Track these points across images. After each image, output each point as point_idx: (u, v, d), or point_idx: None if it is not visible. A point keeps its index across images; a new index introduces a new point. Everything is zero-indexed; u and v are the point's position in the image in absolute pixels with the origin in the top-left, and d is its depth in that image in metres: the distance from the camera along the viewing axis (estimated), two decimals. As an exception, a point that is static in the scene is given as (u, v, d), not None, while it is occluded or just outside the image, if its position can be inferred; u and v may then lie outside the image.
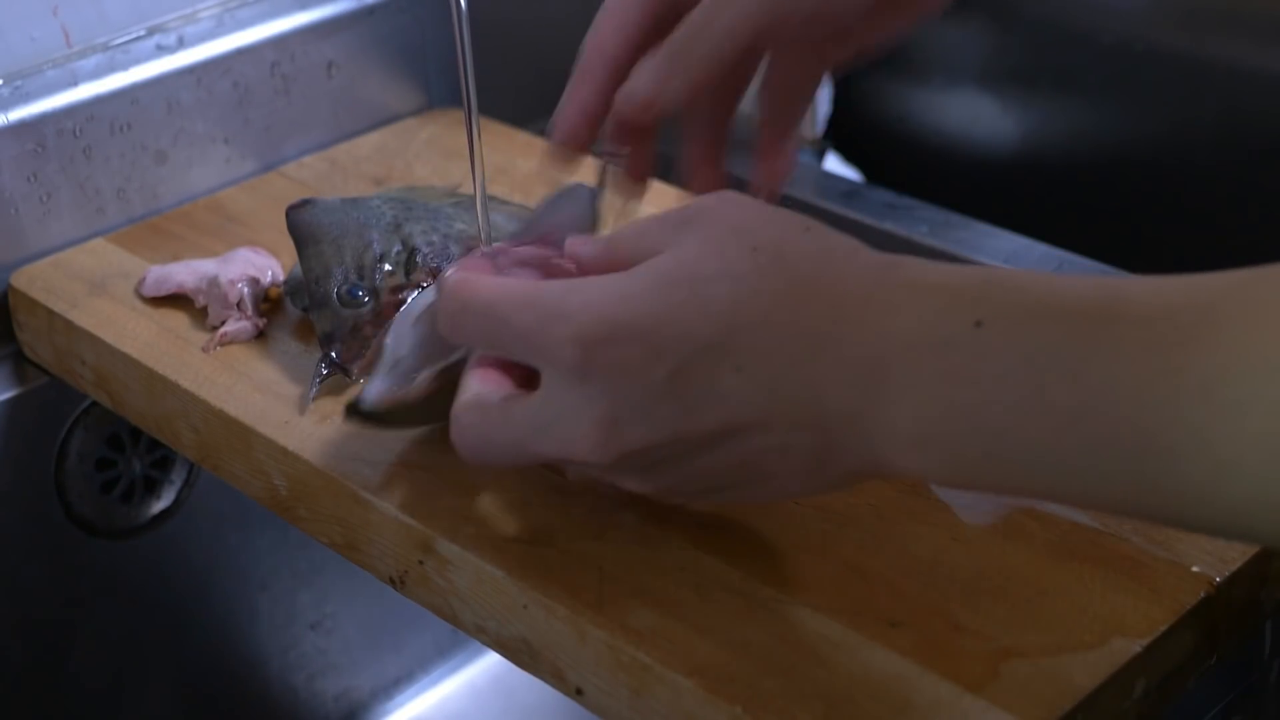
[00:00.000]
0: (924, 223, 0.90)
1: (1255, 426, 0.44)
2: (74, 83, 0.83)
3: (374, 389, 0.62)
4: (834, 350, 0.51)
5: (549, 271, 0.61)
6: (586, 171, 0.70)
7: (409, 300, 0.68)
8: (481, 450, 0.57)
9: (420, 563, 0.63)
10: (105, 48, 0.85)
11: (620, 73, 0.65)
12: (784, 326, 0.52)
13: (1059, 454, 0.48)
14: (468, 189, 0.79)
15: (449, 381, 0.61)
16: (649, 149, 0.68)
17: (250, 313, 0.75)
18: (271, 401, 0.70)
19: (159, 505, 0.89)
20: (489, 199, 0.72)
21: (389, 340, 0.64)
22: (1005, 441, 0.49)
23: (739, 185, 0.62)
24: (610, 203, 0.69)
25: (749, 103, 0.91)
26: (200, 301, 0.77)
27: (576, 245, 0.60)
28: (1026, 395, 0.48)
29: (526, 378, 0.57)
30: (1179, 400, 0.45)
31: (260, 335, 0.75)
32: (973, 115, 1.01)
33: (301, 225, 0.76)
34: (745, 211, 0.55)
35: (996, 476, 0.50)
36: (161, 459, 0.89)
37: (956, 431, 0.49)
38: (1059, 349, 0.48)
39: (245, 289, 0.76)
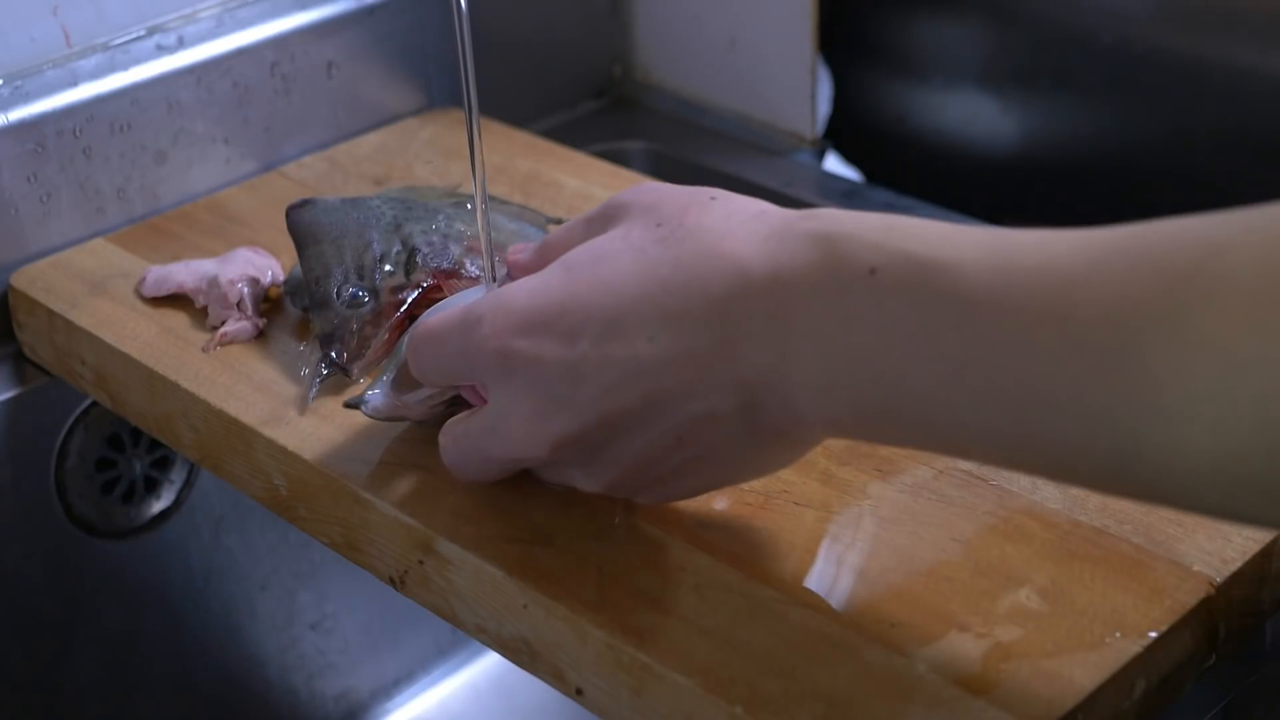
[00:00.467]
0: (924, 223, 0.90)
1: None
2: (74, 83, 0.83)
3: (377, 399, 0.64)
4: (740, 306, 0.51)
5: None
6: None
7: (425, 311, 0.68)
8: (458, 464, 0.61)
9: (420, 563, 0.63)
10: (105, 48, 0.85)
11: None
12: (689, 290, 0.52)
13: (951, 405, 0.48)
14: (468, 189, 0.79)
15: (448, 411, 0.64)
16: None
17: (250, 313, 0.75)
18: (271, 401, 0.70)
19: (159, 505, 0.89)
20: (489, 199, 0.72)
21: (402, 347, 0.65)
22: (902, 390, 0.49)
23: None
24: None
25: (743, 102, 0.91)
26: (200, 301, 0.77)
27: (514, 253, 0.63)
28: (917, 342, 0.48)
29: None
30: (1067, 360, 0.45)
31: (260, 335, 0.75)
32: (972, 115, 1.01)
33: (301, 225, 0.76)
34: (656, 194, 0.56)
35: (900, 428, 0.51)
36: (161, 459, 0.89)
37: (858, 378, 0.50)
38: (950, 297, 0.48)
39: (245, 289, 0.76)
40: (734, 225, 0.53)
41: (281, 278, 0.78)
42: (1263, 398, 0.42)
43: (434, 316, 0.61)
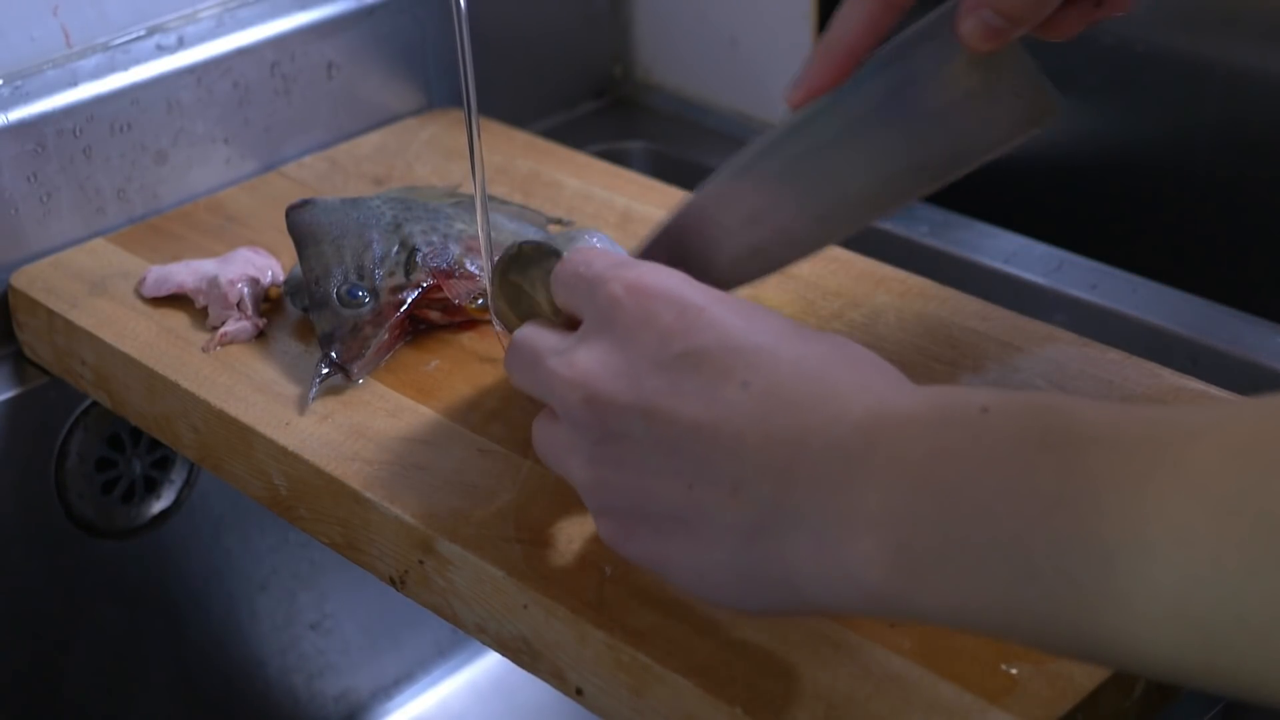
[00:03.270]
0: (924, 223, 0.90)
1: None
2: (74, 83, 0.83)
3: None
4: (839, 411, 0.48)
5: None
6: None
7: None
8: (512, 361, 0.57)
9: (420, 563, 0.63)
10: (105, 48, 0.85)
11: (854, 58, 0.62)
12: (807, 371, 0.50)
13: (1026, 548, 0.44)
14: (468, 189, 0.79)
15: None
16: None
17: (250, 313, 0.75)
18: (271, 401, 0.70)
19: (159, 505, 0.89)
20: (489, 199, 0.72)
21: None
22: (973, 529, 0.44)
23: None
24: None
25: (744, 102, 0.91)
26: (200, 302, 0.77)
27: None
28: (1013, 476, 0.44)
29: None
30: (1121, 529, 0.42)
31: (260, 335, 0.75)
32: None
33: (301, 225, 0.76)
34: None
35: (943, 585, 0.45)
36: (161, 459, 0.89)
37: (925, 515, 0.45)
38: (1064, 431, 0.44)
39: (245, 289, 0.76)
40: (878, 362, 0.51)
41: (281, 278, 0.78)
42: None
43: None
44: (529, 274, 0.61)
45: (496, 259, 0.62)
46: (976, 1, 0.58)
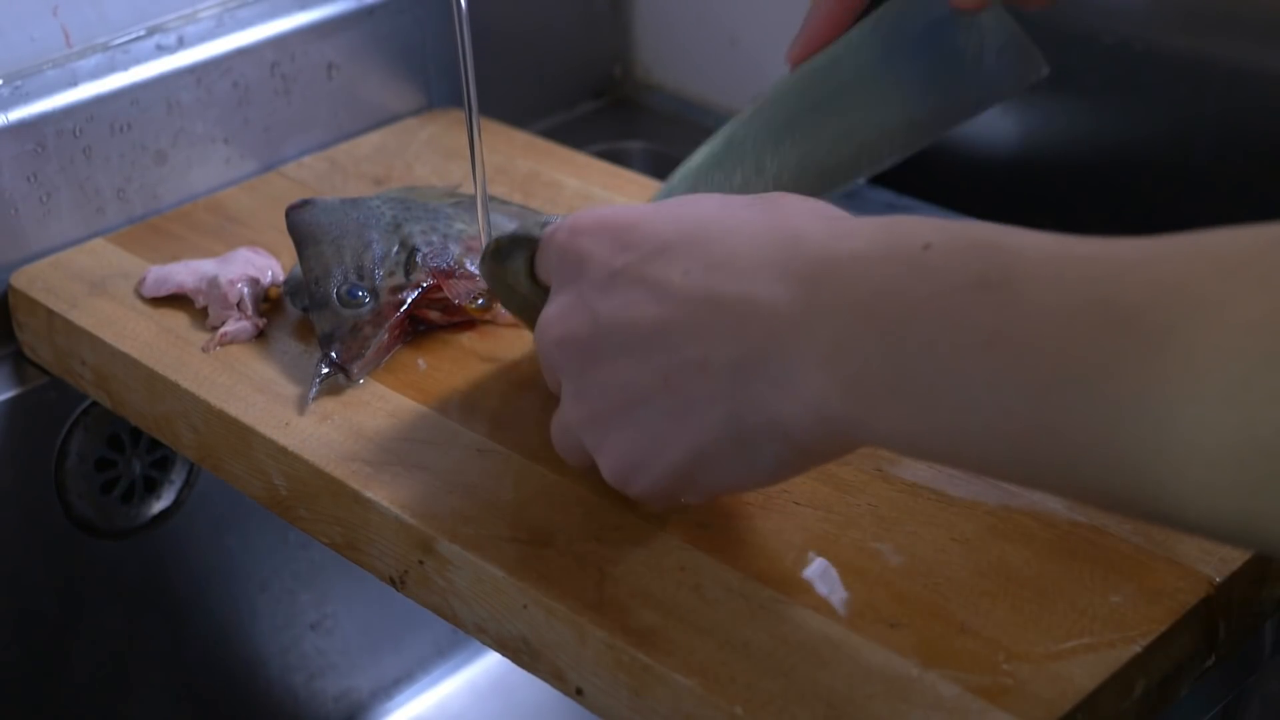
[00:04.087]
0: (924, 223, 0.90)
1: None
2: (74, 83, 0.83)
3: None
4: (778, 266, 0.51)
5: None
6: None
7: None
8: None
9: (420, 563, 0.63)
10: (105, 48, 0.85)
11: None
12: (739, 243, 0.53)
13: (966, 382, 0.46)
14: (468, 189, 0.79)
15: None
16: None
17: (250, 313, 0.75)
18: (271, 401, 0.70)
19: (159, 505, 0.89)
20: (489, 199, 0.72)
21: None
22: (917, 361, 0.47)
23: None
24: None
25: (744, 102, 0.91)
26: (200, 302, 0.77)
27: None
28: (951, 313, 0.47)
29: None
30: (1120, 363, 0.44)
31: (260, 335, 0.75)
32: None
33: (301, 225, 0.76)
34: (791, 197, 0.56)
35: (898, 411, 0.48)
36: (161, 459, 0.89)
37: (871, 348, 0.48)
38: (1002, 269, 0.46)
39: (245, 289, 0.76)
40: (818, 208, 0.54)
41: (281, 278, 0.78)
42: None
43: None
44: (510, 266, 0.63)
45: (478, 261, 0.65)
46: None
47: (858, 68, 0.64)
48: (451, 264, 0.74)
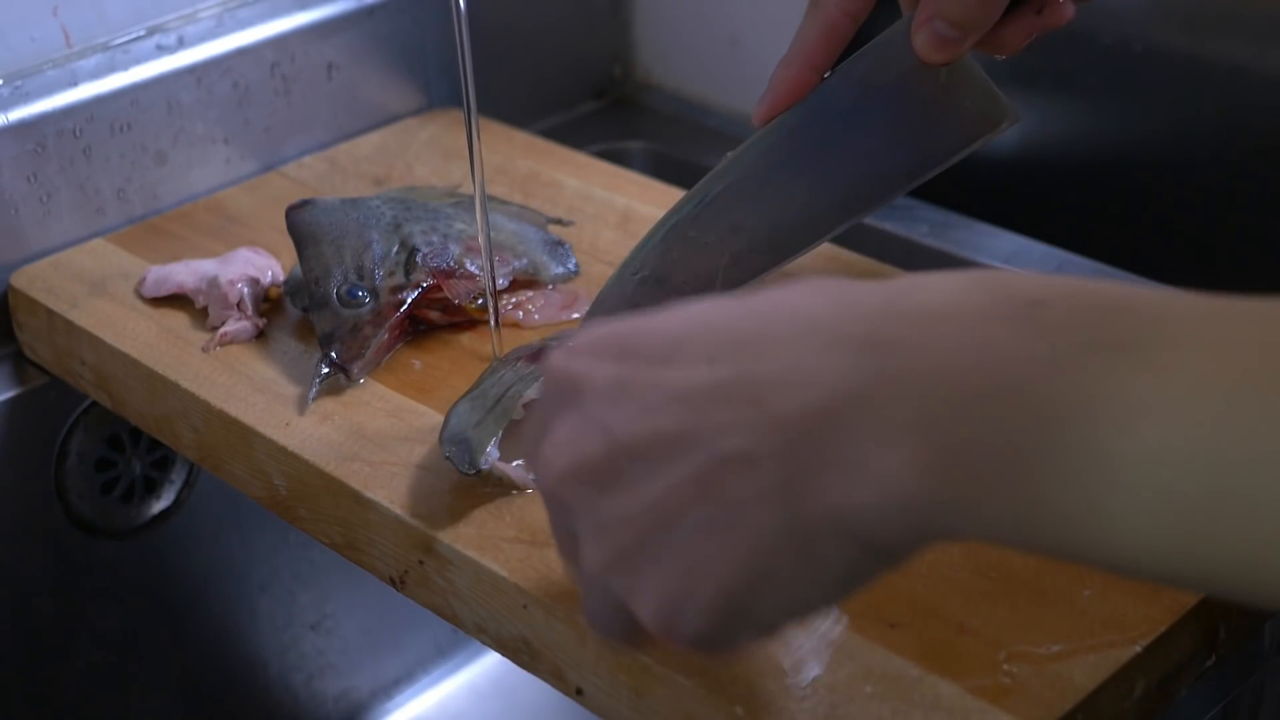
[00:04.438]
0: (924, 223, 0.90)
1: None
2: (74, 83, 0.83)
3: (494, 456, 0.63)
4: (832, 327, 0.44)
5: None
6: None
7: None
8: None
9: (420, 563, 0.63)
10: (105, 48, 0.85)
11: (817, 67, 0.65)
12: (772, 318, 0.45)
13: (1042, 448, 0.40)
14: (468, 189, 0.79)
15: None
16: None
17: (250, 313, 0.75)
18: (271, 401, 0.70)
19: (159, 505, 0.89)
20: (489, 199, 0.72)
21: (509, 400, 0.65)
22: (1049, 448, 0.40)
23: None
24: None
25: (744, 102, 0.91)
26: (200, 302, 0.77)
27: None
28: (1092, 383, 0.40)
29: None
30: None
31: (260, 335, 0.75)
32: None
33: (301, 226, 0.76)
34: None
35: (999, 496, 0.41)
36: (161, 459, 0.89)
37: (970, 419, 0.41)
38: (1135, 337, 0.40)
39: (245, 289, 0.76)
40: (854, 282, 0.46)
41: (281, 278, 0.78)
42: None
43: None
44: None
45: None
46: (928, 14, 0.61)
47: (827, 123, 0.64)
48: (451, 264, 0.74)
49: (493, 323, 0.70)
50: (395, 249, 0.74)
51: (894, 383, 0.42)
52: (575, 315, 0.75)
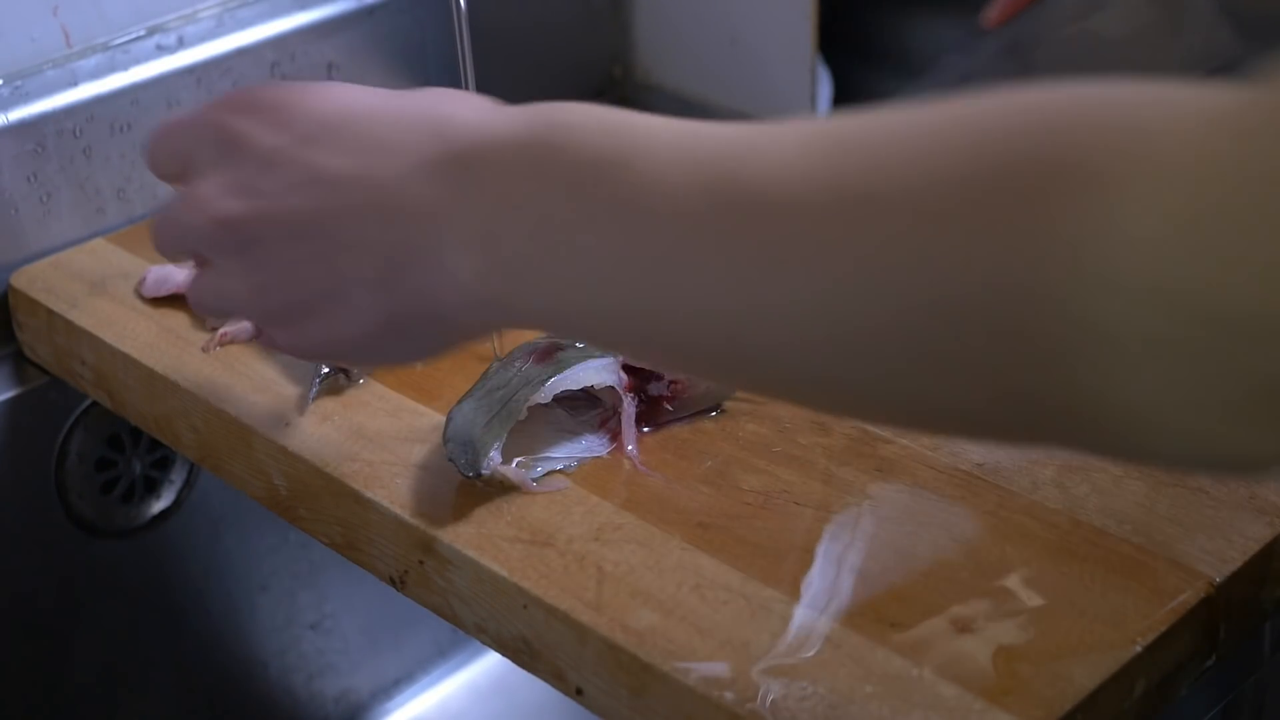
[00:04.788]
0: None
1: None
2: (74, 83, 0.83)
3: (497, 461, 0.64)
4: (429, 151, 0.51)
5: None
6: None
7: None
8: (156, 235, 0.61)
9: (420, 563, 0.63)
10: (105, 48, 0.85)
11: None
12: (399, 124, 0.53)
13: (631, 294, 0.47)
14: (468, 189, 0.79)
15: None
16: None
17: (250, 313, 0.75)
18: (271, 401, 0.70)
19: (159, 505, 0.89)
20: (489, 199, 0.72)
21: (513, 406, 0.65)
22: (565, 264, 0.48)
23: None
24: None
25: (744, 101, 0.91)
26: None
27: None
28: (608, 216, 0.47)
29: None
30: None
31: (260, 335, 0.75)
32: (973, 115, 1.01)
33: (301, 225, 0.76)
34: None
35: (540, 293, 0.49)
36: (161, 459, 0.89)
37: (512, 235, 0.49)
38: (630, 152, 0.47)
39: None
40: (473, 97, 0.54)
41: (281, 278, 0.78)
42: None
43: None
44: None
45: None
46: None
47: (1046, 36, 0.64)
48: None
49: (493, 323, 0.70)
50: (395, 249, 0.74)
51: (466, 199, 0.50)
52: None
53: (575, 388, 0.66)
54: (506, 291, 0.50)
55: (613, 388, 0.66)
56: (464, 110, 0.52)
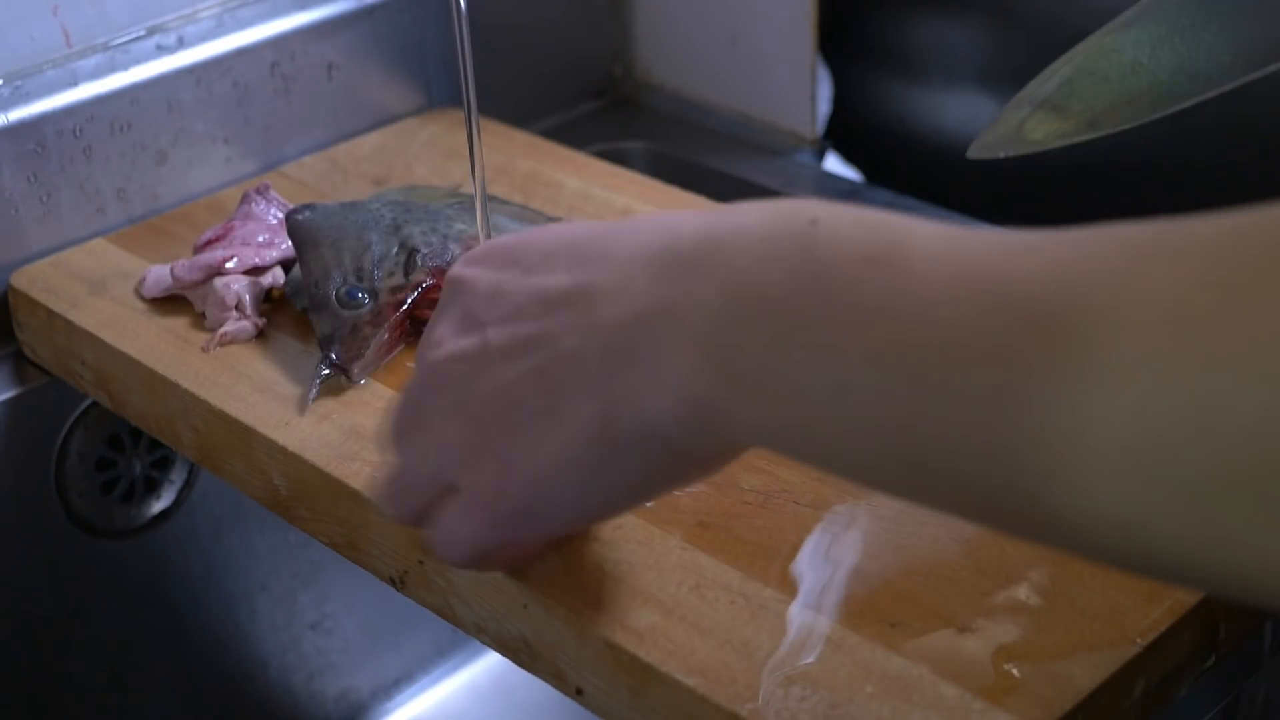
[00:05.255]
0: (924, 223, 0.90)
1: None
2: (74, 83, 0.83)
3: None
4: (657, 252, 0.49)
5: None
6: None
7: None
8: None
9: (420, 563, 0.63)
10: (105, 48, 0.85)
11: None
12: (618, 241, 0.51)
13: (844, 362, 0.43)
14: (468, 189, 0.79)
15: None
16: None
17: (250, 313, 0.75)
18: (271, 401, 0.70)
19: (159, 505, 0.89)
20: (489, 199, 0.72)
21: None
22: (794, 345, 0.44)
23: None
24: None
25: (744, 101, 0.91)
26: (199, 307, 0.77)
27: None
28: (834, 289, 0.43)
29: None
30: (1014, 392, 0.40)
31: (260, 335, 0.75)
32: (972, 115, 1.01)
33: (301, 229, 0.76)
34: None
35: (764, 400, 0.45)
36: (161, 459, 0.89)
37: (747, 330, 0.45)
38: (890, 252, 0.43)
39: (242, 289, 0.76)
40: (709, 212, 0.51)
41: (282, 279, 0.78)
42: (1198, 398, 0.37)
43: None
44: None
45: None
46: None
47: None
48: (451, 264, 0.74)
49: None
50: (395, 250, 0.74)
51: (692, 295, 0.47)
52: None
53: None
54: (727, 397, 0.45)
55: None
56: (698, 215, 0.49)
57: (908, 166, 1.05)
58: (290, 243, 0.77)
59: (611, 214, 0.84)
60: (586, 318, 0.50)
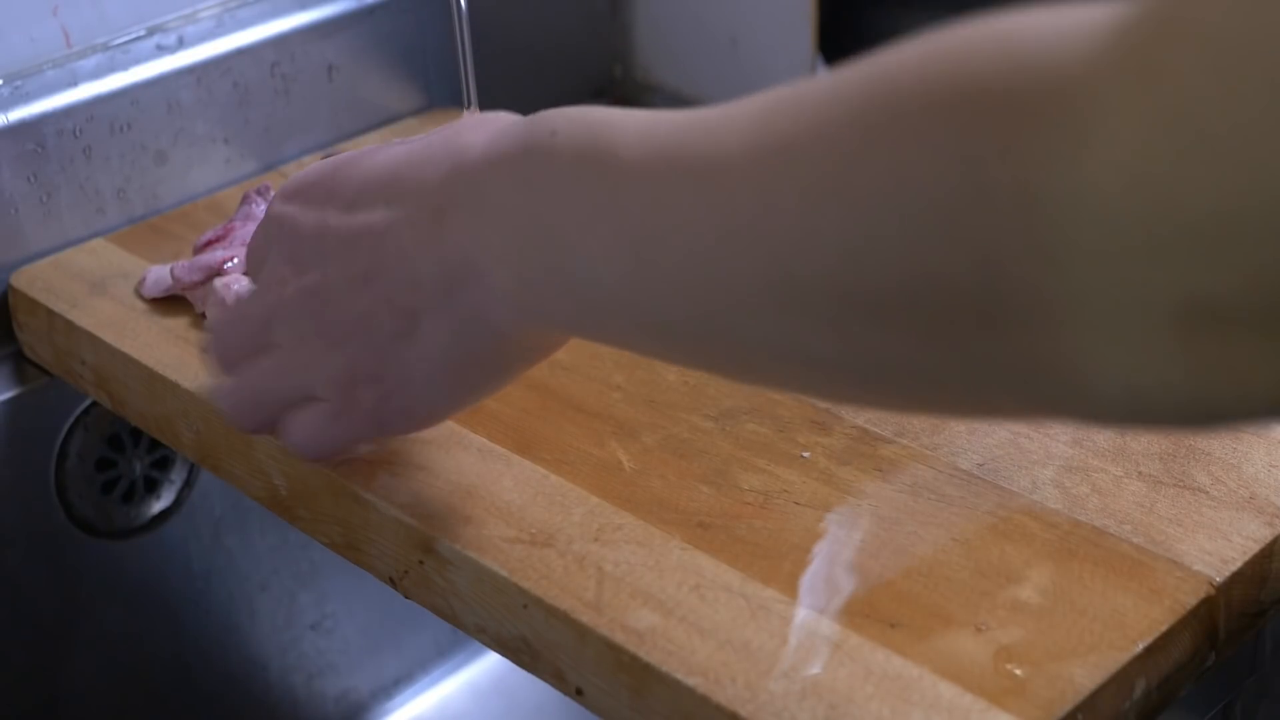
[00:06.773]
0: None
1: None
2: (74, 83, 0.83)
3: None
4: (454, 182, 0.54)
5: None
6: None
7: None
8: (221, 341, 0.64)
9: (420, 563, 0.63)
10: (105, 48, 0.85)
11: None
12: (424, 167, 0.56)
13: (623, 278, 0.49)
14: (468, 189, 0.79)
15: None
16: None
17: (250, 313, 0.75)
18: (271, 401, 0.70)
19: (159, 505, 0.89)
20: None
21: None
22: (572, 261, 0.50)
23: None
24: None
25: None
26: (199, 307, 0.77)
27: None
28: (593, 206, 0.49)
29: None
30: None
31: (260, 335, 0.75)
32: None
33: (301, 225, 0.76)
34: None
35: (568, 305, 0.52)
36: (161, 459, 0.89)
37: (530, 244, 0.51)
38: (609, 155, 0.49)
39: (243, 290, 0.76)
40: (487, 118, 0.56)
41: (281, 278, 0.78)
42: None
43: None
44: None
45: None
46: None
47: None
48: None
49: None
50: (395, 249, 0.74)
51: (487, 226, 0.53)
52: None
53: None
54: (541, 298, 0.52)
55: None
56: (480, 136, 0.55)
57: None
58: (290, 243, 0.77)
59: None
60: (414, 248, 0.55)
